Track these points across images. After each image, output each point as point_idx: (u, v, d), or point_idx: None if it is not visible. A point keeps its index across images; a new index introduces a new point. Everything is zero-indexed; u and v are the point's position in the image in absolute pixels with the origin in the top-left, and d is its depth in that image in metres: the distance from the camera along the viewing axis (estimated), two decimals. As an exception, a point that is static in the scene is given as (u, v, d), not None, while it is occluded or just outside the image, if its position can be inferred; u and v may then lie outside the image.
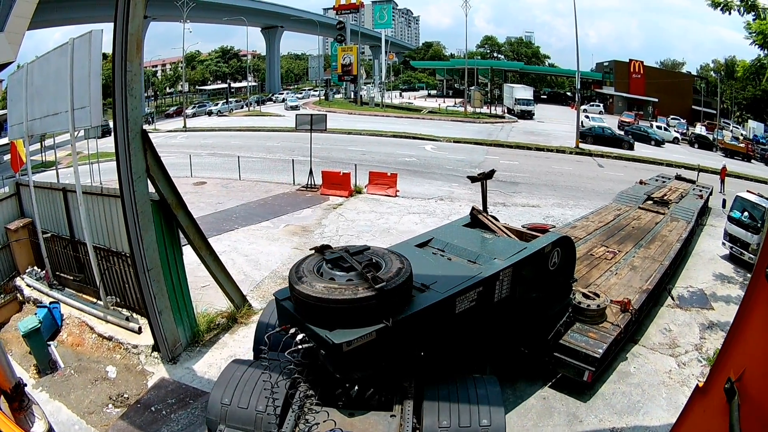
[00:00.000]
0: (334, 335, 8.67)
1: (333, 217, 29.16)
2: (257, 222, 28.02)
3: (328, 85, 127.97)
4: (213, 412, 9.73)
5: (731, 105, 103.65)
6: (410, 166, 44.45)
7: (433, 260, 12.19)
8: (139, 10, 12.73)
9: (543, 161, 50.88)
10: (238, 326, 16.85)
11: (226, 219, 28.56)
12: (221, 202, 32.21)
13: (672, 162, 53.84)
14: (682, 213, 26.50)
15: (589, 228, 23.33)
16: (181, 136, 69.19)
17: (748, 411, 3.94)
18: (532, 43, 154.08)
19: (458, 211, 29.66)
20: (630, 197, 29.39)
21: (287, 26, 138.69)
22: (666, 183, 34.66)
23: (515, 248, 12.61)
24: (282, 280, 20.28)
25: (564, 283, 14.44)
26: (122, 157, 13.35)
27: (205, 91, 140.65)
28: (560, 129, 73.00)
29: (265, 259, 22.73)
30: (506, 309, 12.07)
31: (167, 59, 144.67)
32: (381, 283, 9.01)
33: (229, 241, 24.89)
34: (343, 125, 66.00)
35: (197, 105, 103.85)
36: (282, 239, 25.36)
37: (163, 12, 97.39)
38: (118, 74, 12.92)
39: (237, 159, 40.10)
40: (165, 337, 14.74)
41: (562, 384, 13.85)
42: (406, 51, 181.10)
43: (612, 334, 14.17)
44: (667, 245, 21.63)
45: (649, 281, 17.79)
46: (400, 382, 9.95)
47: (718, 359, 4.72)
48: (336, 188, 34.23)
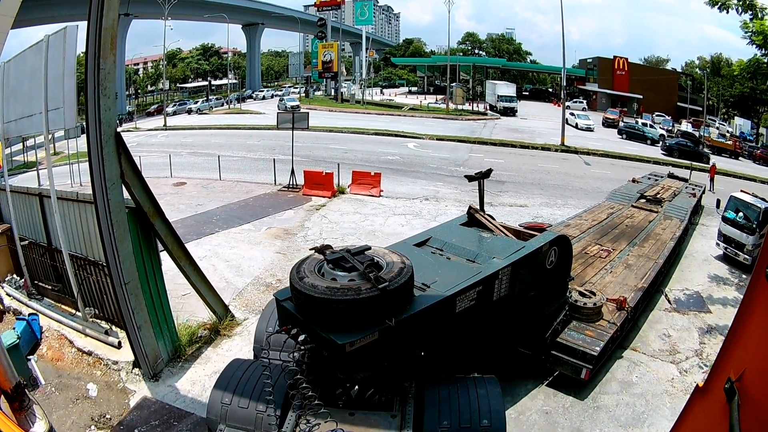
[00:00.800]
0: (337, 336, 8.59)
1: (316, 219, 28.47)
2: (238, 225, 27.28)
3: (308, 83, 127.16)
4: (213, 412, 9.77)
5: (718, 102, 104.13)
6: (393, 165, 43.95)
7: (432, 259, 12.20)
8: (115, 2, 11.92)
9: (528, 159, 50.52)
10: (221, 339, 16.09)
11: (207, 222, 27.81)
12: (201, 204, 31.45)
13: (659, 160, 54.35)
14: (676, 211, 26.77)
15: (582, 226, 23.44)
16: (161, 135, 68.32)
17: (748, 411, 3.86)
18: (514, 39, 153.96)
19: (444, 211, 29.38)
20: (623, 195, 29.69)
21: (268, 23, 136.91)
22: (658, 181, 34.87)
23: (513, 247, 12.70)
24: (265, 288, 19.72)
25: (561, 282, 14.68)
26: (95, 162, 12.48)
27: (186, 88, 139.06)
28: (544, 126, 72.68)
29: (247, 264, 22.00)
30: (505, 308, 12.18)
31: (149, 57, 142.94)
32: (384, 283, 8.91)
33: (209, 246, 24.16)
34: (324, 123, 65.13)
35: (178, 103, 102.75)
36: (264, 243, 24.63)
37: (144, 9, 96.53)
38: (90, 72, 12.13)
39: (217, 158, 39.26)
40: (145, 353, 13.98)
41: (559, 382, 14.01)
42: (386, 48, 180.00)
43: (609, 332, 14.38)
44: (661, 244, 21.87)
45: (644, 279, 18.05)
46: (401, 382, 9.94)
47: (718, 359, 4.65)
48: (318, 188, 33.54)
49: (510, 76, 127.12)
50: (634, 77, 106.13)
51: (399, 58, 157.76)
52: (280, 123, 36.22)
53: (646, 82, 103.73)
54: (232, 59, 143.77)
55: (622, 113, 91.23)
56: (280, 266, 21.69)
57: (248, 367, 10.44)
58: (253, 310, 17.82)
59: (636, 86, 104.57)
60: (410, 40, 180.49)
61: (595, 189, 37.95)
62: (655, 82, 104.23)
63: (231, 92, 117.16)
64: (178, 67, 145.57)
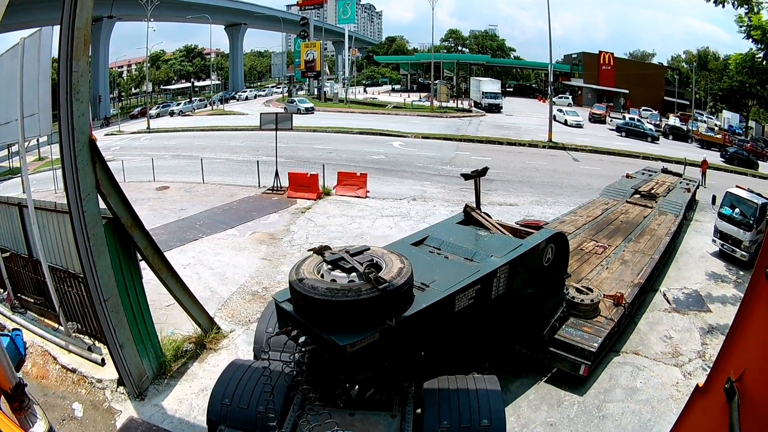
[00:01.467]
0: (338, 337, 8.62)
1: (302, 222, 27.87)
2: (222, 230, 26.67)
3: (291, 82, 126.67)
4: (213, 412, 9.78)
5: (706, 96, 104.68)
6: (379, 165, 43.51)
7: (430, 259, 12.20)
8: (88, 1, 11.25)
9: (516, 156, 50.19)
10: (207, 353, 15.46)
11: (190, 227, 27.14)
12: (185, 208, 30.79)
13: (648, 155, 54.38)
14: (670, 207, 26.83)
15: (577, 223, 23.58)
16: (144, 138, 68.16)
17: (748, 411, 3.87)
18: (497, 36, 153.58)
19: (433, 212, 28.97)
20: (617, 191, 29.71)
21: (251, 23, 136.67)
22: (653, 176, 34.87)
23: (511, 245, 12.75)
24: (251, 296, 19.14)
25: (558, 279, 14.77)
26: (68, 172, 11.78)
27: (169, 90, 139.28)
28: (530, 122, 72.61)
29: (232, 272, 21.35)
30: (503, 305, 12.27)
31: (133, 59, 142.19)
32: (384, 283, 8.93)
33: (193, 253, 23.51)
34: (307, 122, 64.83)
35: (161, 105, 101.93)
36: (249, 249, 24.01)
37: (127, 11, 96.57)
38: (63, 75, 11.43)
39: (200, 161, 38.69)
40: (129, 371, 13.31)
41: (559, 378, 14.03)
42: (369, 46, 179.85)
43: (606, 328, 14.52)
44: (656, 239, 22.01)
45: (640, 275, 18.18)
46: (401, 382, 9.98)
47: (718, 359, 4.66)
48: (303, 190, 32.89)
49: (494, 72, 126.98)
50: (620, 72, 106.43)
51: (382, 56, 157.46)
52: (263, 124, 35.54)
53: (632, 76, 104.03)
54: (216, 60, 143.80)
55: (608, 108, 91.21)
56: (266, 273, 21.17)
57: (248, 368, 10.43)
58: (240, 321, 17.29)
59: (622, 81, 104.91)
60: (393, 38, 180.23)
61: (585, 186, 37.84)
62: (641, 77, 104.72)
63: (214, 93, 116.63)
64: (161, 69, 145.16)
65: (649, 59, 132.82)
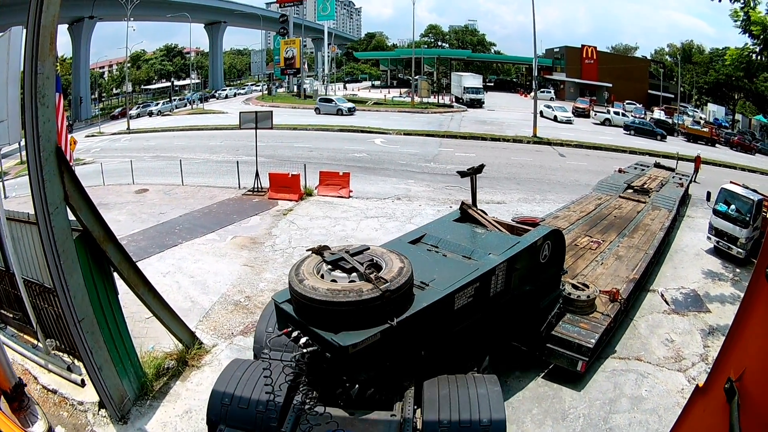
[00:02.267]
0: (340, 338, 8.72)
1: (284, 225, 27.04)
2: (202, 234, 25.80)
3: (270, 80, 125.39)
4: (213, 412, 9.74)
5: (691, 89, 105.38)
6: (361, 163, 42.88)
7: (428, 257, 12.33)
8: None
9: (501, 152, 49.67)
10: (189, 370, 14.69)
11: (170, 232, 26.26)
12: (164, 212, 29.84)
13: (635, 149, 54.24)
14: (663, 201, 26.97)
15: (571, 218, 23.70)
16: (124, 139, 67.27)
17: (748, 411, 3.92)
18: (477, 30, 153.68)
19: (419, 212, 28.49)
20: (610, 186, 29.95)
21: (230, 21, 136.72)
22: (645, 171, 35.06)
23: (508, 243, 12.88)
24: (234, 306, 18.39)
25: (555, 276, 14.87)
26: (35, 183, 10.89)
27: (150, 90, 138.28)
28: (512, 117, 72.36)
29: (213, 280, 20.55)
30: (501, 303, 12.37)
31: (114, 60, 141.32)
32: (385, 284, 9.08)
33: (173, 260, 22.68)
34: (287, 120, 63.90)
35: (141, 105, 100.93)
36: (230, 255, 23.24)
37: (107, 12, 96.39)
38: (27, 77, 10.66)
39: (179, 162, 37.68)
40: (110, 394, 12.52)
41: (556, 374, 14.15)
42: (348, 43, 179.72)
43: (603, 324, 14.63)
44: (650, 234, 22.13)
45: (636, 271, 18.34)
46: (401, 381, 10.07)
47: (718, 359, 4.69)
48: (285, 191, 32.03)
49: (474, 67, 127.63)
50: (603, 66, 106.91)
51: (361, 52, 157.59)
52: (243, 123, 34.57)
53: (616, 70, 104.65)
54: (196, 59, 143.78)
55: (592, 102, 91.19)
56: (248, 281, 20.42)
57: (248, 367, 10.40)
58: (222, 334, 16.56)
59: (605, 75, 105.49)
60: (372, 34, 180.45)
61: (573, 181, 37.54)
62: (624, 71, 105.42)
63: (192, 92, 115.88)
64: (142, 69, 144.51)
65: (632, 53, 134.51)
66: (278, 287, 18.63)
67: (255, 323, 15.28)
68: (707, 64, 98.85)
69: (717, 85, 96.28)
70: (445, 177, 37.27)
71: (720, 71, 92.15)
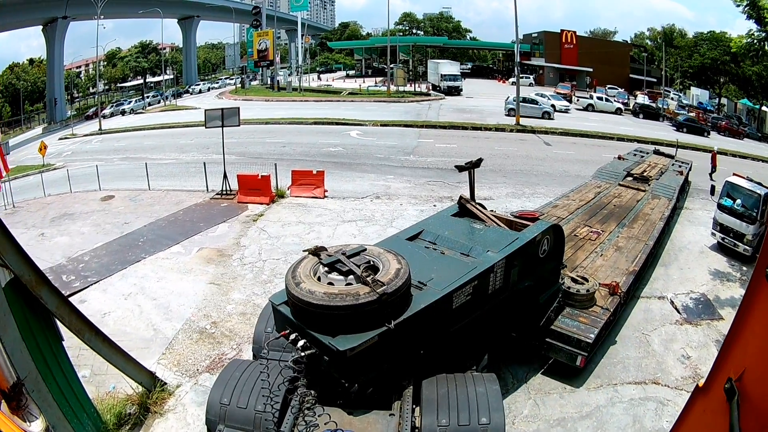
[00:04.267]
0: (338, 341, 8.70)
1: (253, 233, 25.07)
2: (166, 247, 23.93)
3: (243, 72, 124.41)
4: (212, 412, 9.78)
5: (674, 73, 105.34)
6: (337, 158, 41.22)
7: (426, 255, 12.19)
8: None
9: (483, 142, 47.97)
10: (152, 418, 12.92)
11: (133, 245, 24.44)
12: (128, 222, 27.97)
13: (623, 136, 53.41)
14: (663, 190, 26.84)
15: (570, 207, 23.51)
16: (96, 140, 65.55)
17: (748, 411, 3.87)
18: (452, 17, 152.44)
19: (401, 213, 26.92)
20: (609, 174, 29.71)
21: (203, 15, 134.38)
22: (644, 158, 34.80)
23: (507, 239, 12.70)
24: (199, 335, 16.67)
25: (554, 270, 14.81)
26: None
27: (125, 88, 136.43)
28: (492, 104, 70.56)
29: (176, 303, 18.69)
30: (500, 299, 12.24)
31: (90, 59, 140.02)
32: (382, 287, 9.00)
33: (135, 278, 20.90)
34: (260, 114, 62.66)
35: (114, 104, 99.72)
36: (195, 271, 21.39)
37: (80, 11, 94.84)
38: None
39: (145, 166, 35.69)
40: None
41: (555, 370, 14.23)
42: (322, 33, 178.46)
43: (602, 319, 14.56)
44: (650, 224, 22.01)
45: (635, 263, 18.24)
46: (400, 381, 10.03)
47: (718, 359, 4.58)
48: (255, 194, 29.96)
49: (450, 54, 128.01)
50: (583, 50, 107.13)
51: (335, 42, 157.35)
52: (208, 121, 32.42)
53: (596, 55, 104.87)
54: (171, 54, 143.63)
55: (572, 87, 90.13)
56: (215, 302, 18.64)
57: (247, 368, 10.47)
58: (187, 370, 14.85)
59: (585, 60, 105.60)
60: (346, 23, 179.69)
61: (562, 172, 36.39)
62: (605, 55, 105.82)
63: (165, 88, 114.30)
64: (117, 67, 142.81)
65: (611, 37, 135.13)
66: (247, 309, 17.72)
67: (222, 356, 15.27)
68: (691, 48, 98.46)
69: (702, 69, 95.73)
70: (426, 171, 36.04)
71: (705, 55, 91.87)
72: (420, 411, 9.36)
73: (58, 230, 27.63)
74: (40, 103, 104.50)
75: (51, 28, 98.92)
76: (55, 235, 26.94)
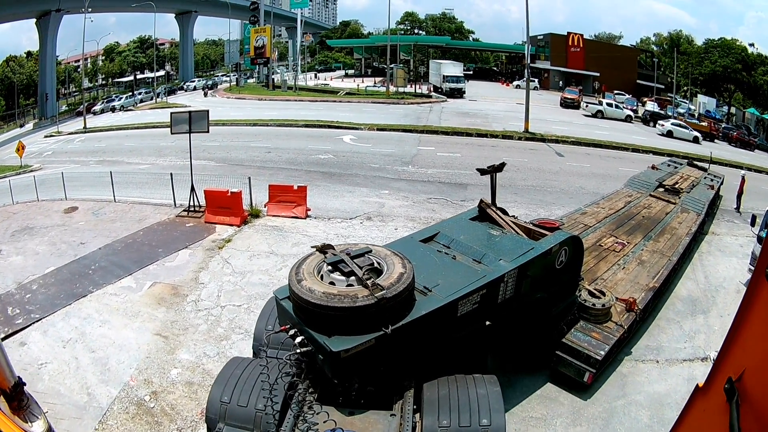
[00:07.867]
0: (333, 342, 8.77)
1: (216, 266, 21.29)
2: (117, 278, 20.50)
3: (238, 70, 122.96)
4: (212, 411, 9.68)
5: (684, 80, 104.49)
6: (326, 167, 37.82)
7: (437, 259, 12.08)
8: None
9: (490, 151, 44.00)
10: None
11: (83, 274, 21.15)
12: (84, 242, 24.57)
13: (638, 147, 51.07)
14: (693, 204, 26.39)
15: (599, 215, 23.14)
16: (78, 140, 63.11)
17: (748, 411, 3.95)
18: (455, 18, 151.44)
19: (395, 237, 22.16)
20: (641, 183, 29.09)
21: (201, 11, 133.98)
22: (678, 169, 34.18)
23: (522, 248, 12.59)
24: (136, 409, 13.58)
25: (570, 282, 14.52)
26: None
27: (122, 83, 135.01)
28: (497, 108, 68.71)
29: (116, 358, 15.56)
30: (510, 309, 12.17)
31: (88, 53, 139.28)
32: (381, 291, 9.03)
33: (77, 320, 17.76)
34: (249, 115, 60.20)
35: (105, 100, 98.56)
36: (142, 315, 17.87)
37: (73, 4, 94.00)
38: None
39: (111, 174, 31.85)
40: None
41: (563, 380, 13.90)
42: (323, 31, 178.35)
43: (615, 335, 14.34)
44: (676, 239, 21.62)
45: (656, 278, 17.89)
46: (401, 381, 10.00)
47: (718, 359, 4.70)
48: (224, 213, 25.93)
49: (451, 55, 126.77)
50: (590, 54, 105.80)
51: (335, 40, 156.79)
52: (174, 125, 28.09)
53: (603, 59, 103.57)
54: (169, 50, 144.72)
55: (580, 92, 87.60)
56: (158, 363, 15.30)
57: (247, 366, 10.32)
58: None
59: (592, 64, 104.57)
60: (347, 22, 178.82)
61: (578, 189, 33.52)
62: (612, 60, 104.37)
63: (158, 85, 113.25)
64: (115, 62, 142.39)
65: (617, 41, 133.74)
66: (194, 378, 14.70)
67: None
68: (701, 55, 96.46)
69: (713, 77, 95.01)
70: (427, 185, 32.79)
71: (716, 62, 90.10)
72: (421, 412, 9.33)
73: (16, 248, 24.90)
74: (35, 97, 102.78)
75: (44, 21, 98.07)
76: (12, 253, 24.28)
